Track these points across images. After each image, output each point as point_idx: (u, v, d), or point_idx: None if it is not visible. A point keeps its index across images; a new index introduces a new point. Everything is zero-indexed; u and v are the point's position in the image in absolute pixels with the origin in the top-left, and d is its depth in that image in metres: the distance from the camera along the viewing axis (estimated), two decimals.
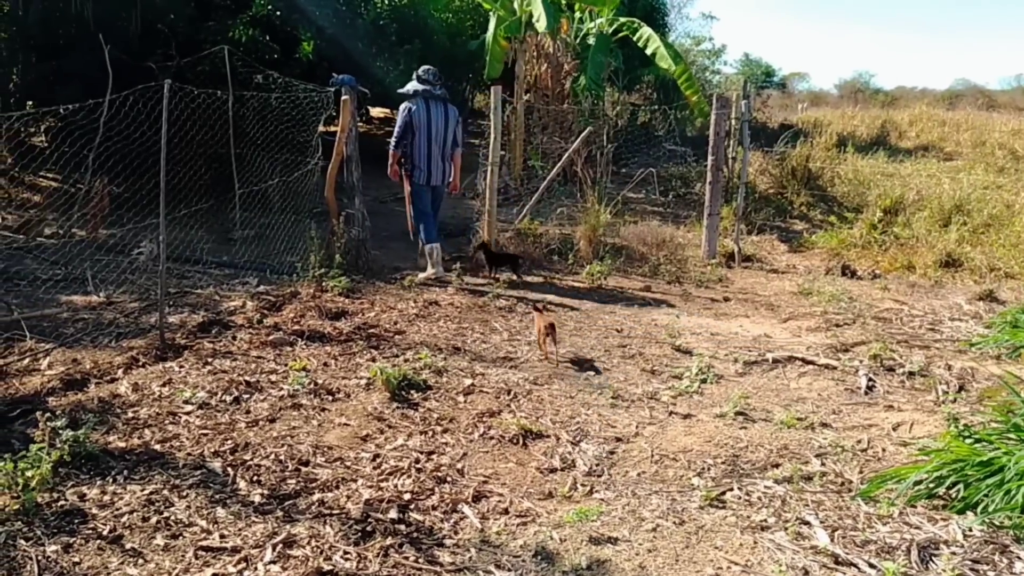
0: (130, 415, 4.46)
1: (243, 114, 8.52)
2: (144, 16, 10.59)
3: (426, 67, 8.48)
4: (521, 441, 4.34)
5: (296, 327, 6.19)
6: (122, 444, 4.09)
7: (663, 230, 10.26)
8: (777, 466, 4.14)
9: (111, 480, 3.70)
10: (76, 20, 10.62)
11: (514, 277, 7.97)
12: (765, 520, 3.58)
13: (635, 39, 14.26)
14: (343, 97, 7.88)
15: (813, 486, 3.93)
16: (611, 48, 14.79)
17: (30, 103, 12.75)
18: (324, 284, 7.36)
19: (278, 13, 10.21)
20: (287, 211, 8.67)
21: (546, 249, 9.15)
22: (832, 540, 3.43)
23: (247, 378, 5.03)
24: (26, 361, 5.36)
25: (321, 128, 8.91)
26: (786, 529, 3.51)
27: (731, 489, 3.87)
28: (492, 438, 4.37)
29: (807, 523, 3.57)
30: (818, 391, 5.31)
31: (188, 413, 4.50)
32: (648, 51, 14.00)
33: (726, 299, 7.82)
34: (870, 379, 5.46)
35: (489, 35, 14.49)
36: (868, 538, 3.46)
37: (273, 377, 5.12)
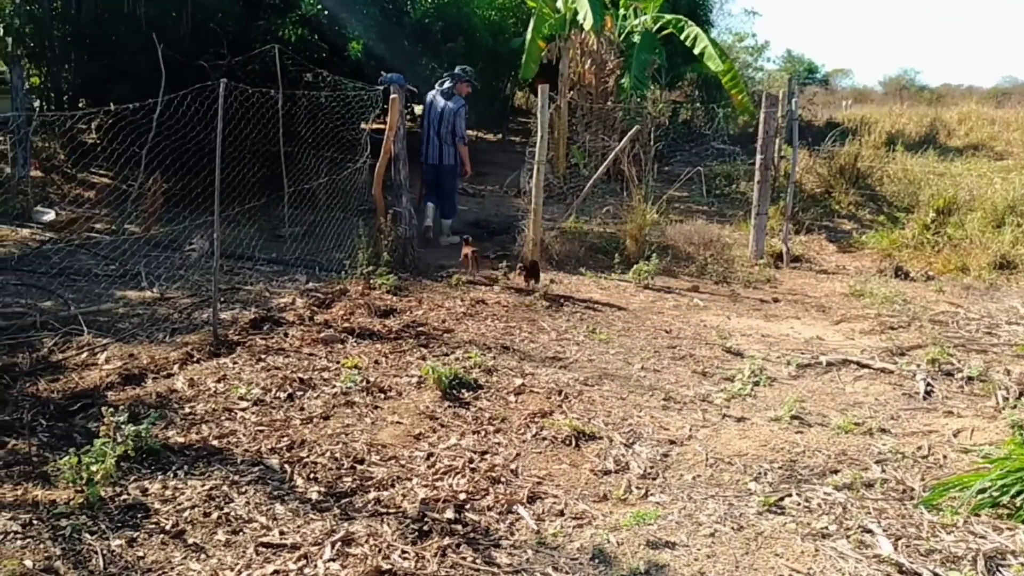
0: (187, 410, 4.52)
1: (293, 113, 8.60)
2: (194, 15, 10.73)
3: (457, 68, 9.82)
4: (574, 442, 4.32)
5: (346, 324, 6.24)
6: (181, 439, 4.15)
7: (709, 229, 10.16)
8: (836, 472, 4.07)
9: (172, 475, 3.75)
10: (128, 19, 10.79)
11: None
12: (826, 527, 3.53)
13: (681, 37, 14.13)
14: (392, 96, 7.91)
15: (874, 493, 3.86)
16: (655, 46, 14.68)
17: (83, 101, 13.03)
18: (372, 282, 7.40)
19: (326, 12, 10.28)
20: (335, 209, 8.72)
21: (592, 248, 9.11)
22: (896, 549, 3.37)
23: (300, 375, 5.08)
24: (84, 355, 5.46)
25: (370, 125, 8.97)
26: (848, 537, 3.45)
27: (789, 495, 3.82)
28: (544, 439, 4.36)
29: (869, 531, 3.51)
30: (875, 395, 5.22)
31: (244, 409, 4.56)
32: (696, 50, 13.87)
33: (775, 300, 7.73)
34: (928, 384, 5.35)
35: (528, 34, 14.46)
36: (932, 547, 3.40)
37: (325, 374, 5.16)
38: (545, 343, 6.09)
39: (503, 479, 3.90)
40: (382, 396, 4.86)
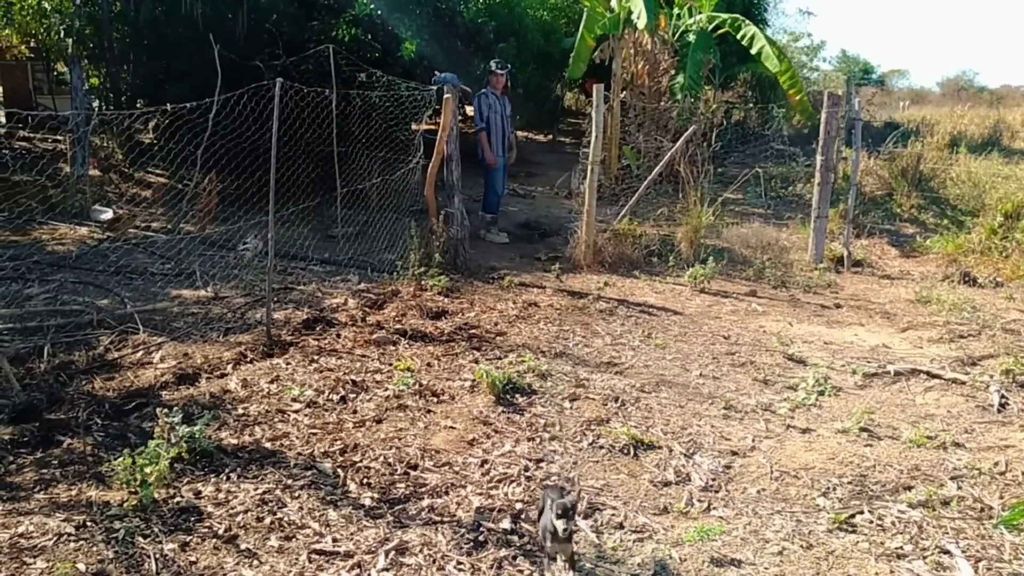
0: (240, 411, 4.49)
1: (347, 112, 8.58)
2: (250, 16, 10.81)
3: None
4: (632, 452, 4.19)
5: (398, 326, 6.18)
6: (234, 441, 4.12)
7: (766, 232, 9.92)
8: (909, 488, 3.88)
9: (225, 478, 3.71)
10: (185, 20, 10.92)
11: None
12: (901, 547, 3.35)
13: (738, 36, 13.84)
14: (445, 96, 7.85)
15: (951, 512, 3.66)
16: (710, 45, 14.42)
17: (140, 102, 13.23)
18: (424, 283, 7.34)
19: (379, 13, 10.27)
20: (387, 209, 8.70)
21: (645, 250, 8.94)
22: (976, 572, 3.18)
23: (352, 377, 5.02)
24: (139, 354, 5.49)
25: (420, 126, 8.93)
26: (924, 558, 3.27)
27: (861, 512, 3.64)
28: (601, 447, 4.23)
29: (947, 552, 3.33)
30: (947, 407, 4.99)
31: (296, 411, 4.51)
32: (753, 50, 13.57)
33: (837, 306, 7.48)
34: (1003, 396, 5.10)
35: (578, 33, 14.32)
36: (1016, 571, 3.20)
37: (378, 377, 5.10)
38: (599, 348, 5.96)
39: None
40: (435, 400, 4.78)
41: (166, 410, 3.96)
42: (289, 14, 10.68)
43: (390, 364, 5.33)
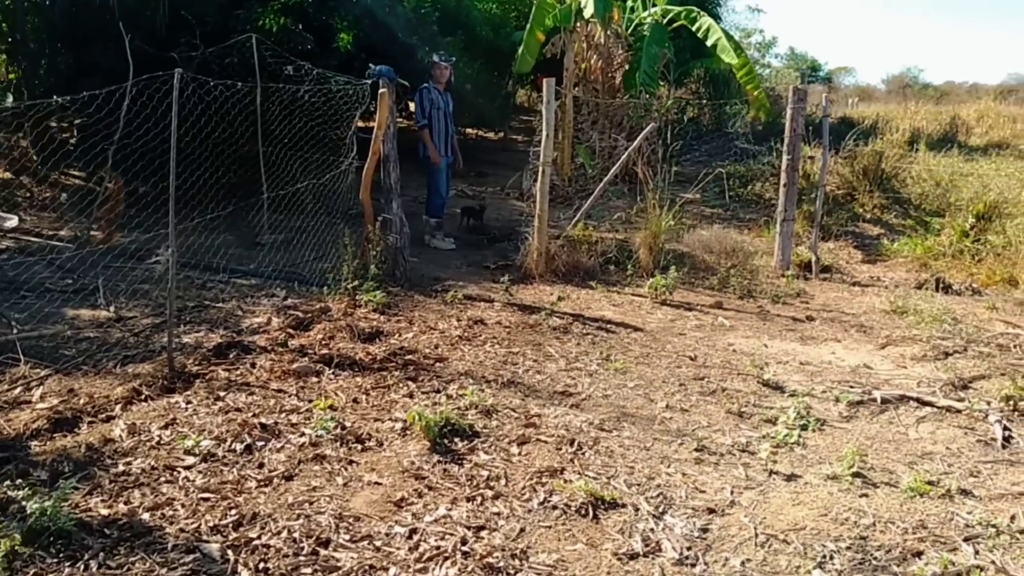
0: (121, 469, 3.72)
1: (271, 110, 7.78)
2: (172, 4, 9.92)
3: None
4: (591, 512, 3.51)
5: (324, 351, 5.43)
6: (105, 511, 3.34)
7: (729, 236, 9.34)
8: (919, 555, 3.26)
9: (83, 567, 2.94)
10: (101, 9, 9.99)
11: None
12: None
13: (693, 29, 13.30)
14: (380, 90, 7.11)
15: None
16: (665, 39, 13.84)
17: (57, 96, 12.21)
18: (358, 298, 6.61)
19: (310, 1, 9.47)
20: (319, 213, 7.94)
21: (602, 258, 8.29)
22: None
23: (263, 419, 4.27)
24: (17, 391, 4.68)
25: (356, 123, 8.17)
26: None
27: None
28: (555, 507, 3.55)
29: None
30: (945, 443, 4.40)
31: (189, 467, 3.75)
32: (709, 42, 13.04)
33: (809, 318, 6.90)
34: (1006, 428, 4.53)
35: (527, 26, 13.64)
36: None
37: (294, 418, 4.35)
38: (553, 373, 5.27)
39: (505, 568, 3.09)
40: (359, 447, 4.05)
41: (18, 480, 3.17)
42: (214, 3, 9.81)
43: (310, 400, 4.58)
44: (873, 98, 40.56)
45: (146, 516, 3.32)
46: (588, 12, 12.48)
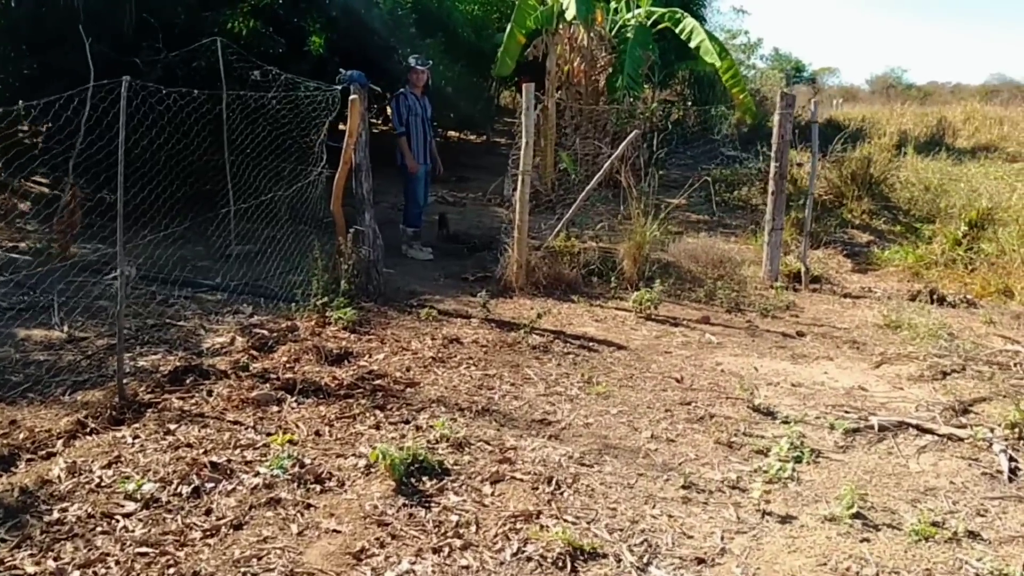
0: (55, 516, 3.38)
1: (234, 117, 7.43)
2: (140, 7, 9.54)
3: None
4: (569, 565, 3.20)
5: (288, 375, 5.10)
6: (32, 568, 3.02)
7: (715, 244, 9.07)
8: None
9: None
10: (65, 11, 9.61)
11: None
12: None
13: (677, 31, 13.03)
14: (351, 96, 6.78)
15: None
16: (649, 41, 13.56)
17: (22, 101, 11.80)
18: (327, 315, 6.28)
19: (281, 2, 9.12)
20: (291, 222, 7.61)
21: (584, 269, 7.98)
22: None
23: (215, 456, 3.94)
24: None
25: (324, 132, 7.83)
26: None
27: None
28: (529, 558, 3.23)
29: None
30: (948, 476, 4.12)
31: (129, 515, 3.41)
32: (692, 44, 12.77)
33: (800, 334, 6.62)
34: (1012, 459, 4.26)
35: (507, 27, 13.33)
36: None
37: (249, 454, 4.02)
38: (531, 399, 4.96)
39: None
40: (318, 488, 3.72)
41: None
42: (184, 4, 9.44)
43: (268, 434, 4.25)
44: (857, 99, 40.56)
45: (76, 574, 2.99)
46: (570, 13, 12.21)
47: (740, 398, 5.05)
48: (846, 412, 4.85)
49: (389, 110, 11.32)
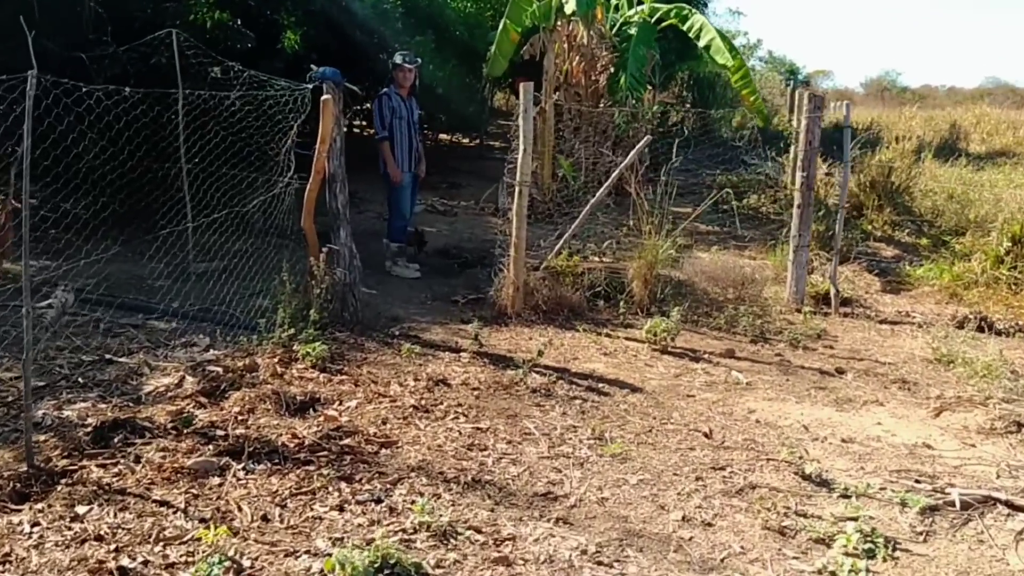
0: None
1: (201, 120, 6.56)
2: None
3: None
4: None
5: (239, 430, 4.23)
6: None
7: (732, 261, 8.22)
8: None
9: None
10: (17, 4, 8.73)
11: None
12: None
13: (684, 28, 12.18)
14: (324, 96, 5.91)
15: None
16: (652, 40, 12.69)
17: None
18: (294, 349, 5.42)
19: None
20: (258, 237, 6.76)
21: (589, 291, 7.11)
22: None
23: (126, 559, 3.05)
24: None
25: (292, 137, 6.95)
26: None
27: None
28: None
29: None
30: None
31: None
32: (701, 43, 11.92)
33: (840, 371, 5.77)
34: None
35: (500, 24, 12.47)
36: None
37: (172, 552, 3.14)
38: (532, 463, 4.09)
39: None
40: None
41: None
42: None
43: (202, 520, 3.37)
44: (852, 102, 39.77)
45: None
46: (569, 9, 11.39)
47: (784, 460, 4.18)
48: (916, 482, 3.99)
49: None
